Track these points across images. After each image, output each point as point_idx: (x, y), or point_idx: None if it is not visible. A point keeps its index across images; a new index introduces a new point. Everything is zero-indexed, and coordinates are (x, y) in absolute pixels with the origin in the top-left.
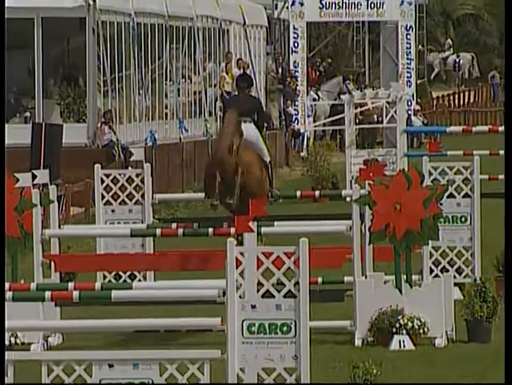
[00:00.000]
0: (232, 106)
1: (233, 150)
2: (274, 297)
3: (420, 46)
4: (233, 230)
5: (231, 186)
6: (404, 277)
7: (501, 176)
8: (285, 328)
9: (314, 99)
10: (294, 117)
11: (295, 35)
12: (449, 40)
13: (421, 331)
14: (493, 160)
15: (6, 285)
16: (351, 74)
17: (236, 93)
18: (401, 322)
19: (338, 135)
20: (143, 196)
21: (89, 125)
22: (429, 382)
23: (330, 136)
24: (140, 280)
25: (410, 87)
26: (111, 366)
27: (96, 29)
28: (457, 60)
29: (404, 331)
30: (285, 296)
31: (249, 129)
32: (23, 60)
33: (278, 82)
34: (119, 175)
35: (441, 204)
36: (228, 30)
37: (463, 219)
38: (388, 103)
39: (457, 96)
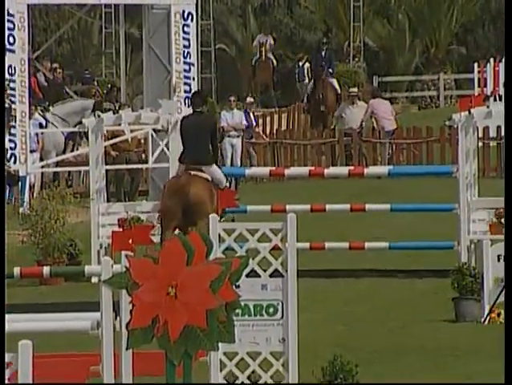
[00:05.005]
0: (187, 128)
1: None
2: None
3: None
4: None
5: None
6: None
7: (329, 244)
8: None
9: (42, 125)
10: (9, 153)
11: (11, 25)
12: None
13: None
14: (316, 220)
15: None
16: (101, 86)
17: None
18: None
19: (79, 180)
20: None
21: None
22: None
23: (66, 182)
24: None
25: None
26: None
27: None
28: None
29: None
30: None
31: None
32: None
33: None
34: None
35: (238, 287)
36: None
37: (271, 310)
38: (155, 131)
39: (261, 121)
